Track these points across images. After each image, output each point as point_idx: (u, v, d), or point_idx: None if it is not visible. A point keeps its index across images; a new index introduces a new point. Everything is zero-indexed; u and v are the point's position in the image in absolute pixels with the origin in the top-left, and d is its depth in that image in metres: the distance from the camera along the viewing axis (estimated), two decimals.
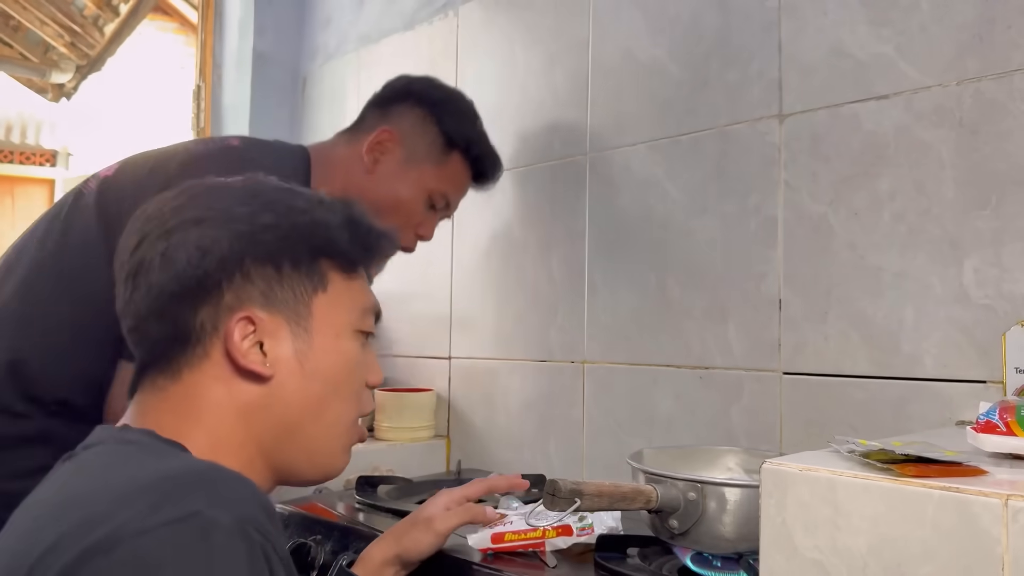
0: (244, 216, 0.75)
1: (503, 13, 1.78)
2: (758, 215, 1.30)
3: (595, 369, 1.54)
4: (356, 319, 0.80)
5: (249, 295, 0.73)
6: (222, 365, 0.72)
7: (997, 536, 0.57)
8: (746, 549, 0.96)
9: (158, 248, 0.72)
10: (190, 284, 0.72)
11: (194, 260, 0.71)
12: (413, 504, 1.36)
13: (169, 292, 0.72)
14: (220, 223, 0.73)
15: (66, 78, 4.39)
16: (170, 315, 0.72)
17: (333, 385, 0.77)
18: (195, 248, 0.72)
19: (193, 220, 0.73)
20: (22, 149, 7.83)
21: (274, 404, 0.74)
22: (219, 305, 0.72)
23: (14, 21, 4.12)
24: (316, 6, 2.37)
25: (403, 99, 1.37)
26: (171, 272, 0.72)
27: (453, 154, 1.36)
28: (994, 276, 1.06)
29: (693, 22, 1.42)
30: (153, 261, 0.72)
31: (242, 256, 0.73)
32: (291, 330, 0.74)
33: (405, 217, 1.33)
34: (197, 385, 0.72)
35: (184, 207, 0.75)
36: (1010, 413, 0.71)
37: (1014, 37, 1.06)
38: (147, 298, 0.72)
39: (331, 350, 0.77)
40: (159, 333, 0.73)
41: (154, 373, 0.74)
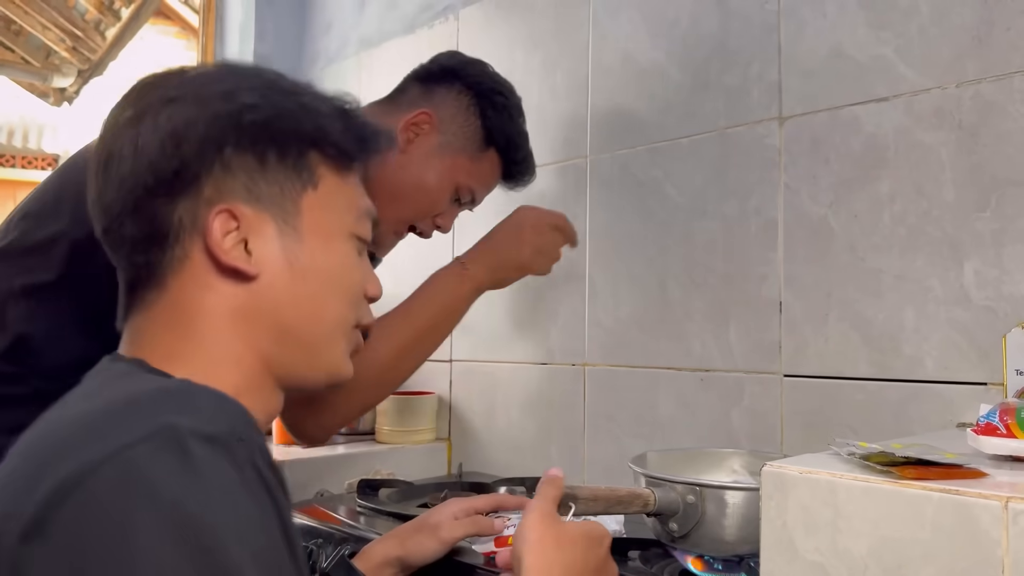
0: (220, 94, 0.68)
1: (503, 16, 1.78)
2: (758, 217, 1.30)
3: (596, 371, 1.54)
4: (351, 222, 0.74)
5: (230, 188, 0.66)
6: (204, 265, 0.66)
7: (997, 538, 0.57)
8: (747, 552, 0.95)
9: (127, 136, 0.66)
10: (165, 175, 0.65)
11: (168, 148, 0.65)
12: (415, 507, 1.36)
13: (143, 185, 0.65)
14: (194, 103, 0.67)
15: (68, 82, 4.39)
16: (145, 211, 0.66)
17: (328, 285, 0.71)
18: (168, 134, 0.65)
19: (164, 100, 0.66)
20: (24, 153, 7.85)
21: (265, 305, 0.68)
22: (198, 198, 0.66)
23: (16, 26, 4.13)
24: (317, 10, 2.38)
25: (450, 81, 1.28)
26: (143, 162, 0.65)
27: (489, 151, 1.28)
28: (994, 278, 1.06)
29: (693, 25, 1.42)
30: (123, 150, 0.66)
31: (222, 142, 0.66)
32: (278, 227, 0.68)
33: (428, 205, 1.27)
34: (183, 293, 0.66)
35: (154, 85, 0.68)
36: (1010, 415, 0.71)
37: (1013, 39, 1.06)
38: (119, 192, 0.66)
39: (325, 250, 0.71)
40: (135, 232, 0.66)
41: (142, 289, 0.68)
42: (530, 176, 1.35)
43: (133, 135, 0.66)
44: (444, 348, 1.84)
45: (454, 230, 1.79)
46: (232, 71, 0.72)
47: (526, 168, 1.33)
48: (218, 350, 0.66)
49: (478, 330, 1.78)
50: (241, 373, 0.67)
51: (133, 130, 0.66)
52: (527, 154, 1.33)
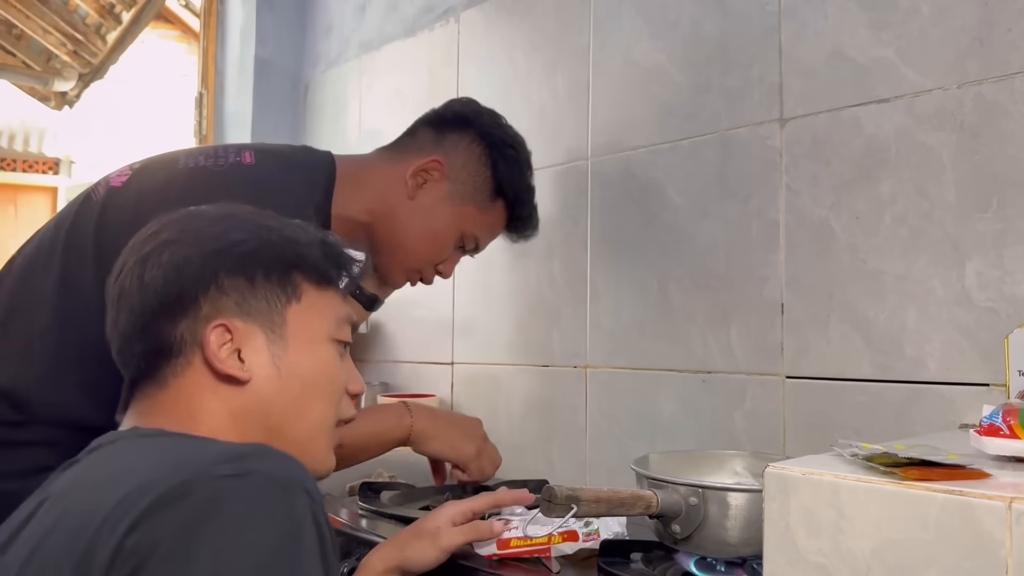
0: (215, 235, 0.79)
1: (504, 19, 1.78)
2: (760, 219, 1.30)
3: (597, 374, 1.53)
4: (332, 328, 0.83)
5: (224, 305, 0.77)
6: (204, 372, 0.76)
7: (1000, 539, 0.57)
8: (749, 554, 0.95)
9: (135, 272, 0.78)
10: (168, 300, 0.76)
11: (171, 277, 0.76)
12: (416, 510, 1.35)
13: (149, 310, 0.76)
14: (192, 243, 0.78)
15: (69, 86, 4.40)
16: (151, 331, 0.77)
17: (311, 387, 0.81)
18: (170, 267, 0.77)
19: (166, 242, 0.78)
20: (25, 157, 7.85)
21: (256, 406, 0.77)
22: (196, 317, 0.76)
23: (17, 30, 4.13)
24: (318, 13, 2.38)
25: (462, 129, 1.28)
26: (149, 292, 0.76)
27: (498, 202, 1.28)
28: (996, 278, 1.06)
29: (693, 27, 1.42)
30: (132, 286, 0.78)
31: (216, 270, 0.77)
32: (267, 337, 0.78)
33: (434, 252, 1.27)
34: (184, 390, 0.76)
35: (158, 233, 0.80)
36: (1013, 416, 0.71)
37: (1014, 40, 1.06)
38: (129, 319, 0.77)
39: (307, 354, 0.81)
40: (143, 349, 0.77)
41: (143, 385, 0.78)
42: (533, 231, 1.36)
43: (140, 272, 0.77)
44: (446, 350, 1.85)
45: None
46: (231, 216, 0.83)
47: (530, 223, 1.34)
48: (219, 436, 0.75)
49: (479, 333, 1.78)
50: None
51: (140, 268, 0.78)
52: (532, 209, 1.33)
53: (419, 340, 1.93)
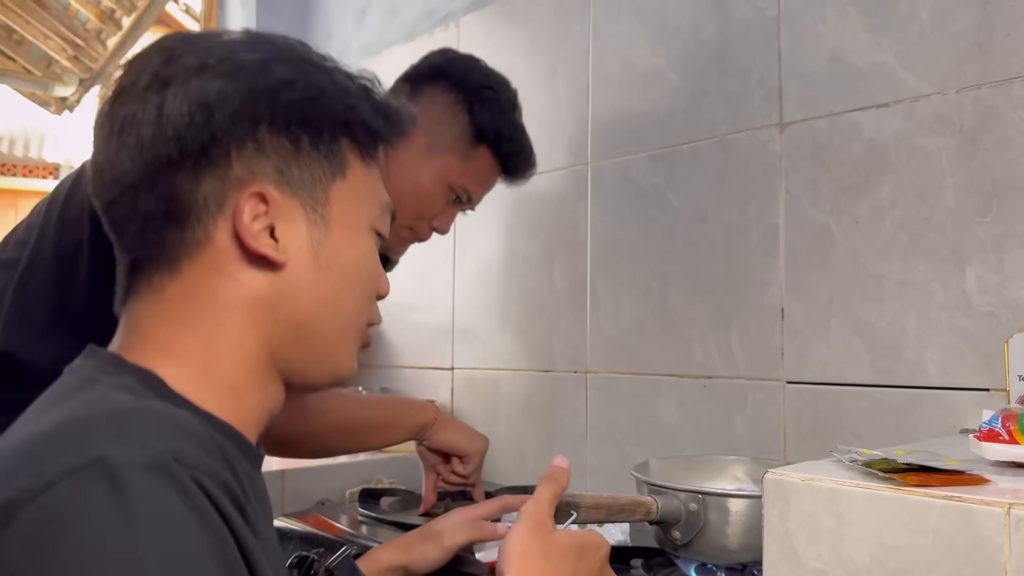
0: (255, 65, 0.62)
1: (504, 24, 1.78)
2: (759, 224, 1.30)
3: (598, 379, 1.53)
4: (375, 215, 0.70)
5: (263, 169, 0.62)
6: (227, 251, 0.62)
7: (1000, 545, 0.57)
8: (750, 560, 0.95)
9: (151, 100, 0.60)
10: (193, 148, 0.60)
11: (198, 118, 0.60)
12: (416, 516, 1.35)
13: (166, 156, 0.60)
14: (227, 73, 0.61)
15: (69, 91, 4.40)
16: (165, 186, 0.60)
17: (349, 279, 0.68)
18: (199, 103, 0.60)
19: (194, 68, 0.61)
20: (25, 162, 7.86)
21: (285, 297, 0.64)
22: (226, 177, 0.61)
23: (17, 35, 4.14)
24: (317, 18, 2.39)
25: (437, 79, 1.25)
26: (168, 131, 0.59)
27: (481, 148, 1.24)
28: (996, 283, 1.06)
29: (693, 32, 1.42)
30: (146, 115, 0.60)
31: (257, 119, 0.62)
32: (307, 216, 0.64)
33: (423, 208, 1.24)
34: (197, 279, 0.62)
35: (175, 53, 0.62)
36: (1013, 421, 0.71)
37: (1013, 44, 1.06)
38: (136, 162, 0.60)
39: (349, 243, 0.67)
40: (150, 208, 0.61)
41: (150, 270, 0.63)
42: (529, 170, 1.31)
43: (158, 100, 0.60)
44: (446, 356, 1.84)
45: (454, 233, 1.79)
46: (265, 40, 0.66)
47: (522, 161, 1.29)
48: (223, 343, 0.62)
49: (479, 337, 1.78)
50: (244, 368, 0.63)
51: (158, 95, 0.60)
52: (522, 147, 1.28)
53: (419, 345, 1.93)
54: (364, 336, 0.72)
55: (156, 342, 0.62)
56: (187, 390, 0.60)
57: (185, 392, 0.60)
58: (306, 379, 0.69)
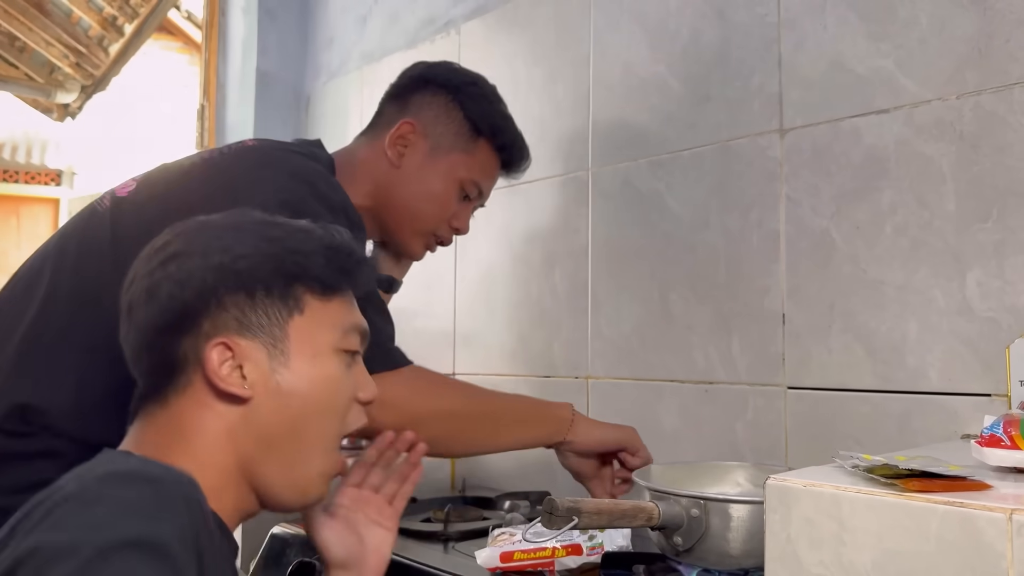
0: (218, 248, 0.79)
1: (504, 30, 1.79)
2: (760, 229, 1.31)
3: (599, 384, 1.53)
4: (337, 339, 0.81)
5: (224, 323, 0.76)
6: (204, 390, 0.76)
7: (1002, 551, 0.57)
8: (751, 565, 0.95)
9: (143, 286, 0.78)
10: (172, 317, 0.76)
11: (175, 292, 0.76)
12: (418, 522, 1.35)
13: (154, 326, 0.77)
14: (196, 256, 0.78)
15: (71, 98, 4.41)
16: (157, 347, 0.77)
17: (312, 404, 0.79)
18: (174, 282, 0.77)
19: (174, 255, 0.78)
20: (27, 169, 7.88)
21: (254, 423, 0.77)
22: (198, 334, 0.76)
23: (19, 42, 4.15)
24: (319, 26, 2.39)
25: (422, 87, 1.29)
26: (155, 307, 0.77)
27: (480, 140, 1.28)
28: (997, 289, 1.06)
29: (693, 38, 1.42)
30: (140, 298, 0.78)
31: (216, 287, 0.77)
32: (268, 353, 0.77)
33: (439, 210, 1.27)
34: (183, 410, 0.76)
35: (168, 244, 0.80)
36: (1014, 427, 0.71)
37: (1013, 50, 1.06)
38: (138, 333, 0.78)
39: (308, 369, 0.79)
40: (149, 365, 0.78)
41: (147, 402, 0.78)
42: (525, 159, 1.34)
43: (148, 284, 0.78)
44: (447, 361, 1.84)
45: (455, 239, 1.79)
46: (233, 226, 0.81)
47: (518, 151, 1.32)
48: (205, 457, 0.76)
49: (481, 343, 1.78)
50: (222, 477, 0.76)
51: (148, 280, 0.78)
52: (516, 136, 1.32)
53: (420, 350, 1.92)
54: (336, 460, 0.83)
55: (156, 450, 0.75)
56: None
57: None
58: (277, 498, 0.81)
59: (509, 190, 1.70)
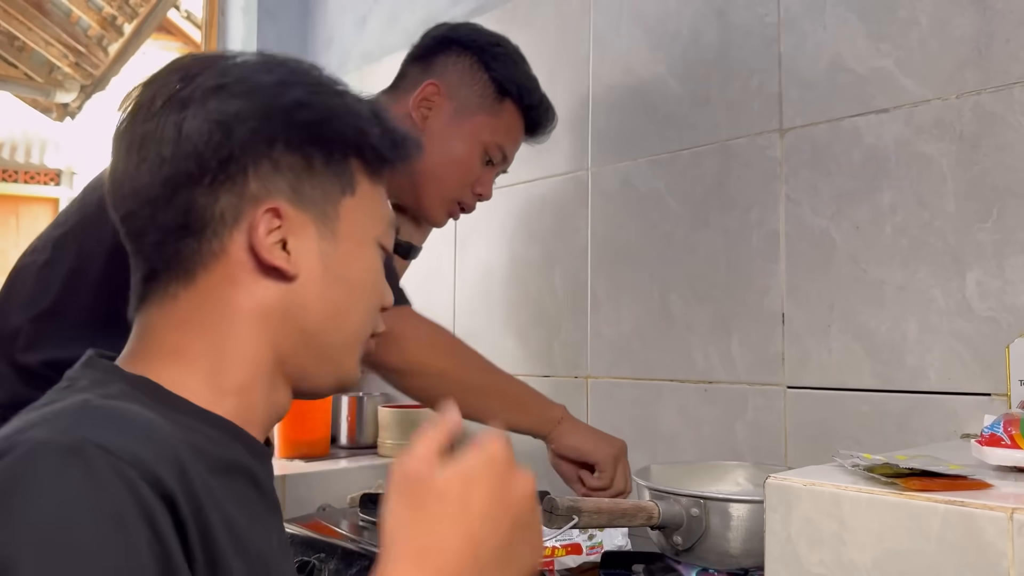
0: (271, 87, 0.65)
1: (504, 30, 1.78)
2: (760, 229, 1.31)
3: (598, 384, 1.53)
4: (380, 231, 0.73)
5: (277, 186, 0.65)
6: (242, 262, 0.64)
7: (1003, 550, 0.57)
8: (751, 565, 0.95)
9: (170, 119, 0.62)
10: (211, 165, 0.62)
11: (216, 136, 0.62)
12: None
13: (185, 172, 0.62)
14: (245, 93, 0.64)
15: (71, 98, 4.41)
16: (183, 200, 0.63)
17: (355, 292, 0.70)
18: (217, 123, 0.63)
19: (212, 88, 0.64)
20: (27, 169, 7.87)
21: (294, 308, 0.66)
22: (243, 193, 0.64)
23: (19, 42, 4.15)
24: (318, 25, 2.39)
25: (446, 48, 1.26)
26: (188, 148, 0.62)
27: (506, 102, 1.26)
28: (997, 288, 1.06)
29: (693, 38, 1.42)
30: (164, 133, 0.62)
31: (272, 138, 0.64)
32: (318, 230, 0.67)
33: (463, 175, 1.25)
34: (212, 289, 0.64)
35: (190, 72, 0.65)
36: (1014, 426, 0.71)
37: (1013, 50, 1.06)
38: (155, 176, 0.63)
39: (357, 256, 0.70)
40: (168, 221, 0.63)
41: (165, 279, 0.65)
42: (551, 121, 1.31)
43: (177, 119, 0.62)
44: None
45: (455, 238, 1.79)
46: (279, 62, 0.69)
47: (545, 111, 1.30)
48: (233, 348, 0.65)
49: (480, 342, 1.78)
50: (251, 371, 0.66)
51: (176, 114, 0.62)
52: (542, 96, 1.30)
53: None
54: (368, 346, 0.74)
55: (167, 347, 0.64)
56: (192, 392, 0.63)
57: (189, 394, 0.63)
58: (312, 385, 0.71)
59: (508, 190, 1.70)
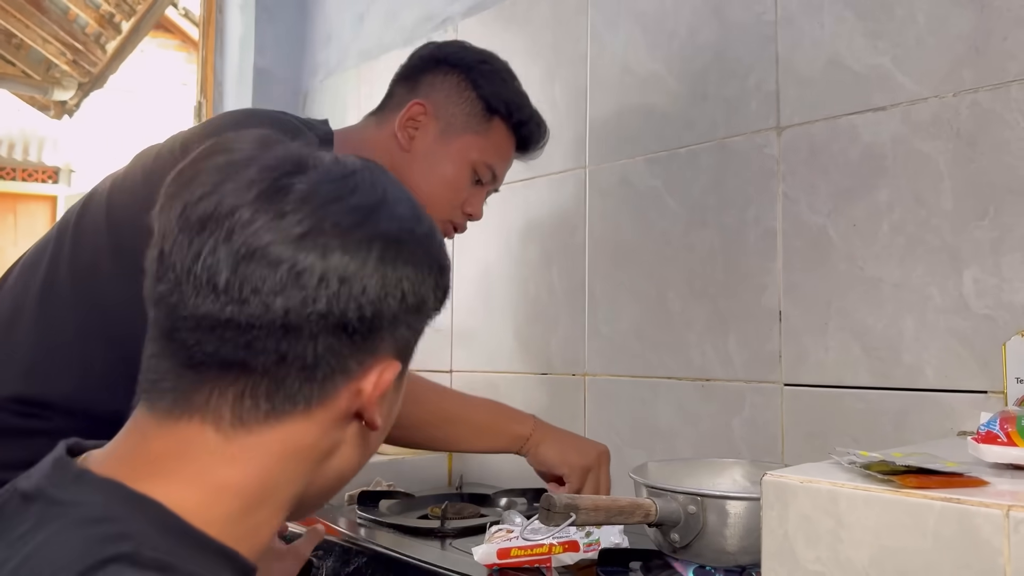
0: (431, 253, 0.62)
1: (502, 28, 1.79)
2: (757, 227, 1.31)
3: (596, 381, 1.53)
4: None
5: (398, 346, 0.62)
6: (344, 410, 0.60)
7: (999, 547, 0.57)
8: (748, 562, 0.95)
9: (342, 261, 0.56)
10: (368, 314, 0.57)
11: (384, 292, 0.58)
12: (415, 519, 1.35)
13: (340, 314, 0.56)
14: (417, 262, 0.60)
15: (68, 96, 4.40)
16: (323, 340, 0.57)
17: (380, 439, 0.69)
18: (386, 279, 0.58)
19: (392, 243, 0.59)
20: (25, 166, 7.87)
21: (356, 453, 0.65)
22: (374, 349, 0.60)
23: (16, 39, 4.14)
24: (317, 23, 2.39)
25: (433, 67, 1.24)
26: (353, 294, 0.56)
27: (495, 120, 1.23)
28: (993, 286, 1.06)
29: (691, 36, 1.42)
30: (329, 270, 0.55)
31: (421, 307, 0.62)
32: (397, 384, 0.64)
33: (452, 195, 1.23)
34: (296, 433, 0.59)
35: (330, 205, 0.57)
36: (1011, 423, 0.71)
37: (1010, 48, 1.06)
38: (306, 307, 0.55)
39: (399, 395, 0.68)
40: (290, 356, 0.56)
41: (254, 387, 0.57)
42: (542, 137, 1.29)
43: (355, 261, 0.56)
44: (445, 358, 1.84)
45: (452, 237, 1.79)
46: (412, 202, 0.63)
47: (536, 127, 1.28)
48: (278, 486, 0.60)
49: (478, 340, 1.79)
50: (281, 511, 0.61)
51: (355, 256, 0.56)
52: (532, 112, 1.27)
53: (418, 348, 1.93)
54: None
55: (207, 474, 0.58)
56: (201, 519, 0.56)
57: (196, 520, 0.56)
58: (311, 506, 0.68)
59: (507, 188, 1.70)
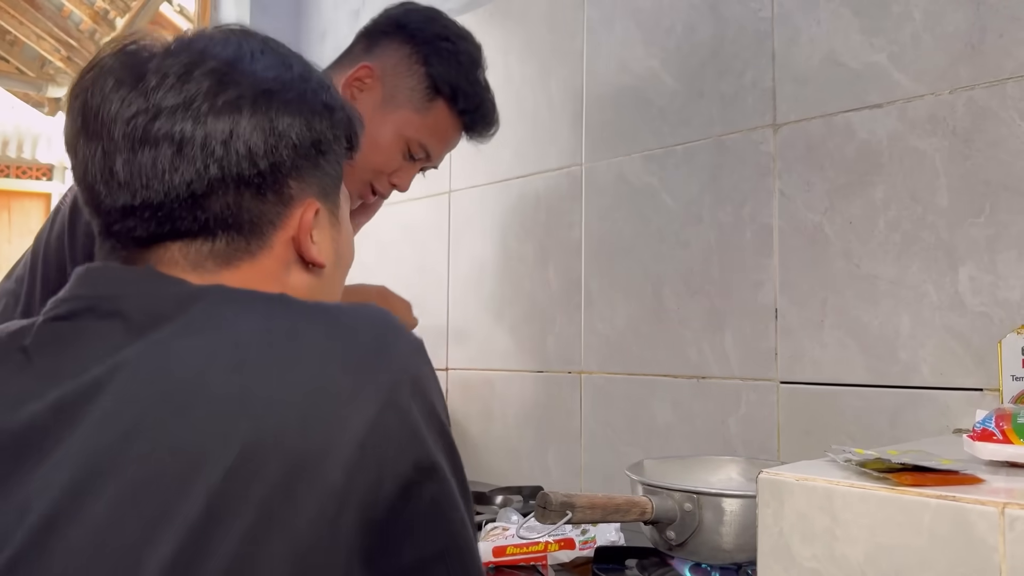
0: (314, 93, 0.69)
1: (498, 25, 1.78)
2: (753, 224, 1.31)
3: (592, 379, 1.53)
4: (347, 208, 0.78)
5: (312, 186, 0.68)
6: (285, 255, 0.67)
7: (994, 544, 0.57)
8: (744, 559, 0.95)
9: (222, 121, 0.62)
10: (262, 169, 0.64)
11: (270, 143, 0.64)
12: None
13: (236, 173, 0.63)
14: (294, 101, 0.67)
15: (62, 92, 4.40)
16: (231, 200, 0.63)
17: (345, 267, 0.76)
18: (271, 132, 0.64)
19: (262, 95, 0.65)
20: (19, 163, 7.84)
21: (318, 294, 0.69)
22: (287, 195, 0.66)
23: (11, 36, 4.13)
24: (312, 19, 2.38)
25: (392, 32, 1.22)
26: (242, 152, 0.63)
27: (437, 102, 1.19)
28: (989, 283, 1.06)
29: (687, 33, 1.42)
30: (215, 133, 0.62)
31: (316, 144, 0.68)
32: (329, 220, 0.71)
33: (380, 162, 1.19)
34: (250, 281, 0.64)
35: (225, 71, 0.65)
36: (1006, 421, 0.71)
37: (1006, 45, 1.06)
38: (203, 173, 0.62)
39: (348, 235, 0.76)
40: (211, 218, 0.63)
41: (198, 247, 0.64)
42: (488, 128, 1.25)
43: (228, 122, 0.63)
44: (440, 356, 1.84)
45: (448, 233, 1.79)
46: (283, 51, 0.73)
47: (480, 119, 1.23)
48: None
49: (474, 338, 1.78)
50: None
51: (227, 117, 0.63)
52: (481, 103, 1.23)
53: None
54: None
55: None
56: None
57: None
58: None
59: (502, 185, 1.70)
